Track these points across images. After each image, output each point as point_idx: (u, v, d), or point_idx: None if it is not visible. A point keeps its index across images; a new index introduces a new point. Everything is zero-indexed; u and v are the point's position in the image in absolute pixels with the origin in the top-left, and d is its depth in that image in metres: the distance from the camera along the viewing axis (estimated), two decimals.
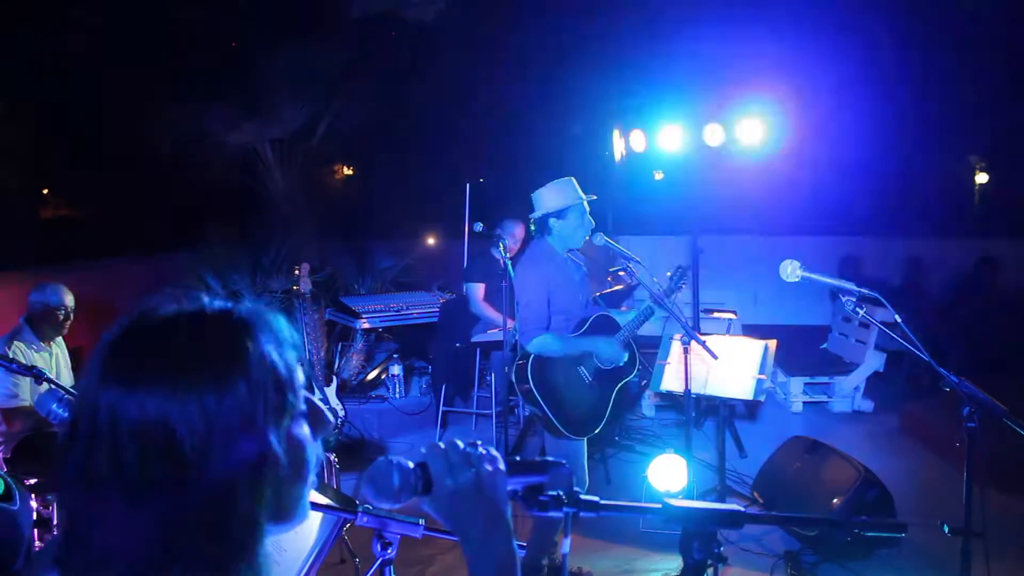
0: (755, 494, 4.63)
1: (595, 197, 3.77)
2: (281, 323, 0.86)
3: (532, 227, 3.79)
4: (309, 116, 7.83)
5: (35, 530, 3.30)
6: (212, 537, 0.77)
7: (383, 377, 6.69)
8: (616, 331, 3.72)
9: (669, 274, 3.89)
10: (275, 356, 0.82)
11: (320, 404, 0.89)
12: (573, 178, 3.74)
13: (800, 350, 7.18)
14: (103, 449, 0.76)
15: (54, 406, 2.23)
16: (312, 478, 0.87)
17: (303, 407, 0.86)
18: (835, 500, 4.02)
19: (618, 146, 6.87)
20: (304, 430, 0.85)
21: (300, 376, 0.86)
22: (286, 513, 0.84)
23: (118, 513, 0.75)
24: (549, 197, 3.68)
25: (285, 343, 0.84)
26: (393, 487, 0.96)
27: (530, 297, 3.59)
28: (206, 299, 0.85)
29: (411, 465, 0.99)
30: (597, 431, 3.68)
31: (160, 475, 0.75)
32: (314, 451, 0.86)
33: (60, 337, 4.38)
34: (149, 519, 0.76)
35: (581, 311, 3.74)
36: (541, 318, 3.59)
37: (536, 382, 3.54)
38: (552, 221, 3.66)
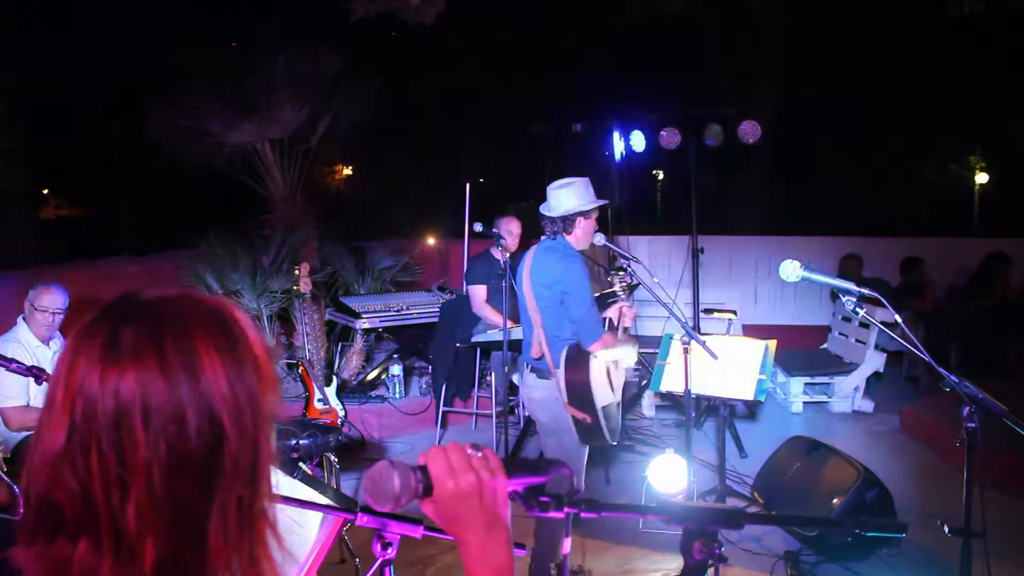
0: (755, 494, 4.62)
1: (607, 201, 3.72)
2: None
3: (548, 224, 3.64)
4: (309, 116, 7.80)
5: None
6: (247, 492, 0.84)
7: (383, 377, 6.68)
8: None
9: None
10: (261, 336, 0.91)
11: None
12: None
13: (800, 350, 7.19)
14: (136, 434, 0.79)
15: None
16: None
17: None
18: (835, 500, 4.02)
19: (618, 146, 6.86)
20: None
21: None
22: None
23: (157, 489, 0.79)
24: (577, 195, 3.58)
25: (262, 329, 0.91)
26: (393, 490, 0.96)
27: (584, 295, 3.48)
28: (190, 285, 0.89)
29: (412, 468, 0.99)
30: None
31: (201, 448, 0.81)
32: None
33: (58, 337, 4.38)
34: (189, 489, 0.80)
35: None
36: (599, 317, 3.51)
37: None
38: (580, 220, 3.59)
